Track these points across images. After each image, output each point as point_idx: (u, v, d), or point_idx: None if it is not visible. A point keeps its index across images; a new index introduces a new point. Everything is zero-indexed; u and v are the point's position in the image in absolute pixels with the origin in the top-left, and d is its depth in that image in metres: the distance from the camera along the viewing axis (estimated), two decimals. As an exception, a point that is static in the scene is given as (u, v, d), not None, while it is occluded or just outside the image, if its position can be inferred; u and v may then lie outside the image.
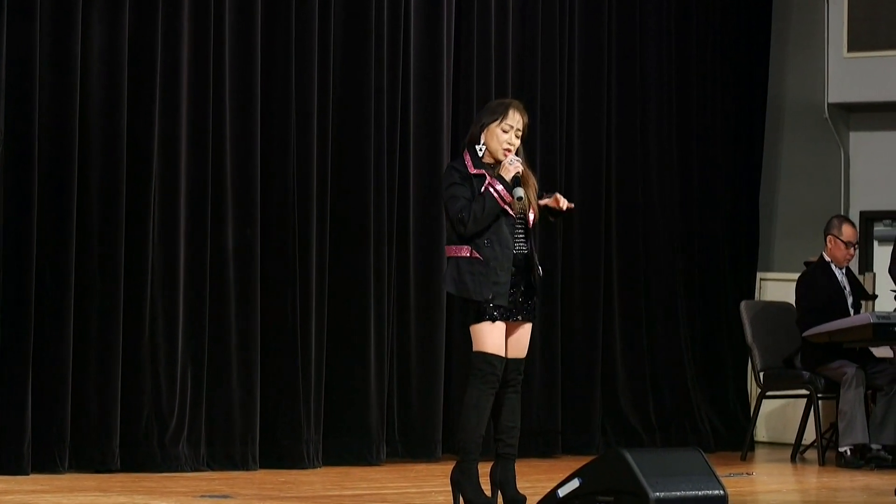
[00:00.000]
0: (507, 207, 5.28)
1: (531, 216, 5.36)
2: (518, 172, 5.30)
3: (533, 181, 5.45)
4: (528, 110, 5.27)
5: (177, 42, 6.55)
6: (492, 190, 5.26)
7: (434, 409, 7.41)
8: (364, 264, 7.21)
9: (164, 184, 6.53)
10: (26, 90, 6.11)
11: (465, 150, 5.40)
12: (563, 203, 5.39)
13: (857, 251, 8.27)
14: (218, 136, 6.71)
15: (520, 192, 5.24)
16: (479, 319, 5.26)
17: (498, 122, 5.35)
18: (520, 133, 5.37)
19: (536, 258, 5.40)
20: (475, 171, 5.32)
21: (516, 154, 5.38)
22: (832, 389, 7.89)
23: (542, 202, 5.40)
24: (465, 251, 5.27)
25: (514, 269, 5.30)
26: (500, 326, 5.24)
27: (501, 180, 5.28)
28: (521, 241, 5.35)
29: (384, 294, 7.28)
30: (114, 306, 6.32)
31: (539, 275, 5.37)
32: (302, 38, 6.99)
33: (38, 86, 6.12)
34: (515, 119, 5.36)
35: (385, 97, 7.32)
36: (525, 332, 5.38)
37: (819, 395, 8.00)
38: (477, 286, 5.23)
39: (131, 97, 6.41)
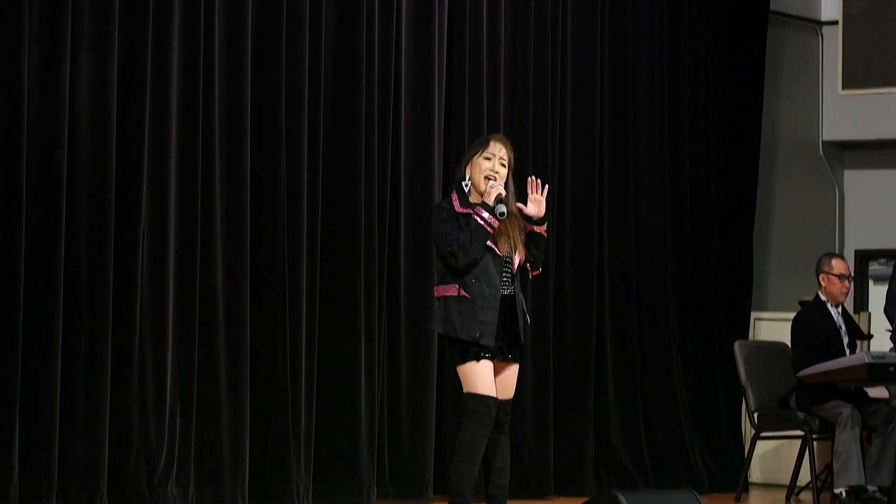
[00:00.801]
0: (494, 247, 5.32)
1: (517, 259, 5.37)
2: (501, 195, 5.32)
3: (520, 223, 5.52)
4: (521, 138, 5.39)
5: (166, 75, 6.46)
6: (477, 218, 5.30)
7: (425, 450, 7.33)
8: (354, 303, 7.13)
9: (153, 220, 6.46)
10: (12, 124, 6.02)
11: (454, 191, 5.48)
12: (537, 188, 5.37)
13: (852, 285, 8.19)
14: (207, 174, 6.62)
15: (501, 207, 5.29)
16: (466, 359, 5.29)
17: (479, 153, 5.43)
18: (504, 162, 5.42)
19: (524, 305, 5.44)
20: (462, 210, 5.37)
21: (505, 187, 5.44)
22: (827, 430, 7.83)
23: (521, 209, 5.41)
24: (453, 290, 5.30)
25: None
26: (488, 366, 5.28)
27: (486, 207, 5.33)
28: (507, 282, 5.38)
29: (375, 334, 7.18)
30: (102, 343, 6.26)
31: (526, 322, 5.40)
32: (292, 74, 6.90)
33: (26, 121, 6.06)
34: (497, 148, 5.43)
35: (376, 130, 7.19)
36: (512, 372, 5.41)
37: (814, 436, 7.93)
38: (464, 325, 5.25)
39: (120, 134, 6.31)
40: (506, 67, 7.95)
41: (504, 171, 5.46)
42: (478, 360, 5.25)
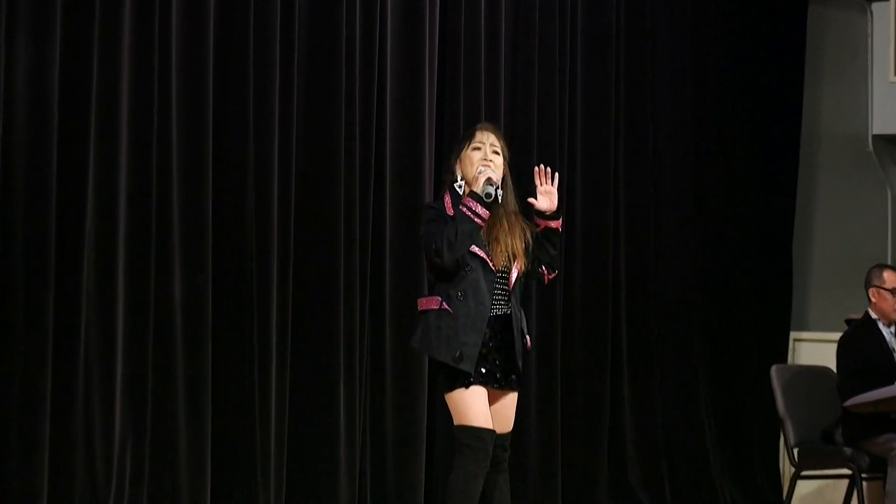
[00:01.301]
0: (487, 259, 5.22)
1: (515, 271, 5.26)
2: (491, 178, 5.24)
3: (522, 227, 5.40)
4: (524, 136, 5.22)
5: (115, 69, 6.32)
6: (464, 209, 5.20)
7: (413, 491, 7.19)
8: (333, 320, 7.00)
9: (99, 224, 6.32)
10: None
11: (446, 192, 5.39)
12: (546, 178, 5.34)
13: (908, 300, 8.02)
14: (162, 173, 6.46)
15: (489, 188, 5.23)
16: (454, 385, 5.19)
17: (467, 146, 5.38)
18: (497, 149, 5.38)
19: (524, 325, 5.35)
20: (452, 213, 5.28)
21: (503, 183, 5.39)
22: (878, 468, 7.69)
23: (532, 204, 5.34)
24: (435, 303, 5.23)
25: (488, 330, 5.22)
26: (480, 393, 5.18)
27: (475, 197, 5.24)
28: (502, 301, 5.28)
29: (356, 354, 7.06)
30: (40, 371, 6.09)
31: (527, 344, 5.32)
32: (261, 62, 6.77)
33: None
34: (485, 136, 5.39)
35: (357, 125, 7.08)
36: (510, 401, 5.33)
37: (863, 475, 7.79)
38: (442, 343, 5.18)
39: (62, 127, 6.16)
40: (507, 54, 7.85)
41: (499, 160, 5.40)
42: (467, 386, 5.16)
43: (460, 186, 5.35)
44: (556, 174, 5.44)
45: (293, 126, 6.96)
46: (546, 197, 5.39)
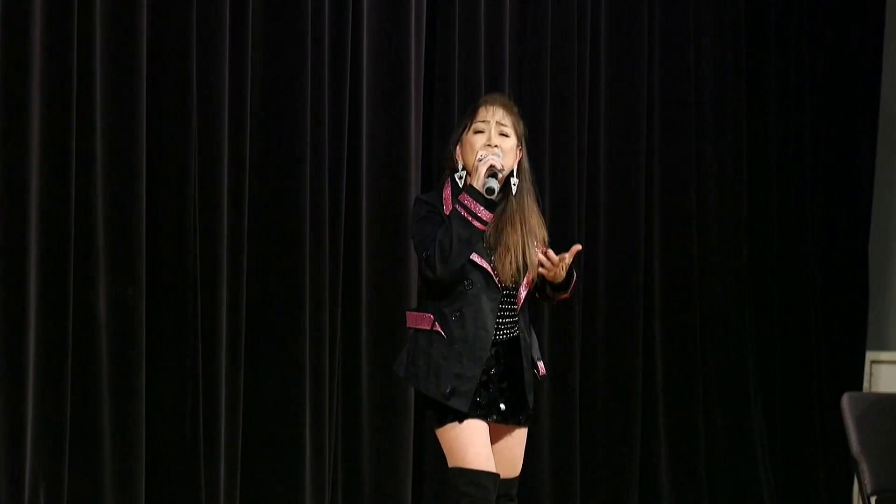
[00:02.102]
0: (490, 270, 4.99)
1: (524, 286, 5.06)
2: (495, 167, 4.98)
3: (537, 221, 5.17)
4: (535, 120, 5.11)
5: (26, 47, 6.16)
6: (460, 209, 4.94)
7: None
8: (297, 345, 6.82)
9: (8, 227, 6.16)
10: None
11: (445, 185, 5.15)
12: (554, 259, 5.07)
13: None
14: (84, 166, 6.33)
15: (490, 182, 4.95)
16: (444, 420, 5.02)
17: (468, 127, 5.12)
18: (506, 130, 5.10)
19: (535, 349, 5.16)
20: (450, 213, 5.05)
21: (518, 172, 5.11)
22: None
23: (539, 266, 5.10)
24: (426, 322, 5.05)
25: (491, 353, 5.05)
26: (477, 428, 5.01)
27: (473, 193, 4.96)
28: (508, 322, 5.08)
29: (324, 386, 6.86)
30: None
31: (539, 372, 5.15)
32: (205, 38, 6.65)
33: None
34: (490, 112, 5.11)
35: (326, 109, 6.98)
36: (518, 440, 5.18)
37: None
38: (430, 374, 5.01)
39: None
40: (512, 20, 7.70)
41: (509, 143, 5.08)
42: (461, 420, 5.00)
43: (461, 178, 5.09)
44: (577, 248, 5.11)
45: (246, 103, 6.72)
46: (552, 271, 5.10)
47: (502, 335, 5.07)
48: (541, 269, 5.05)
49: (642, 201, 8.16)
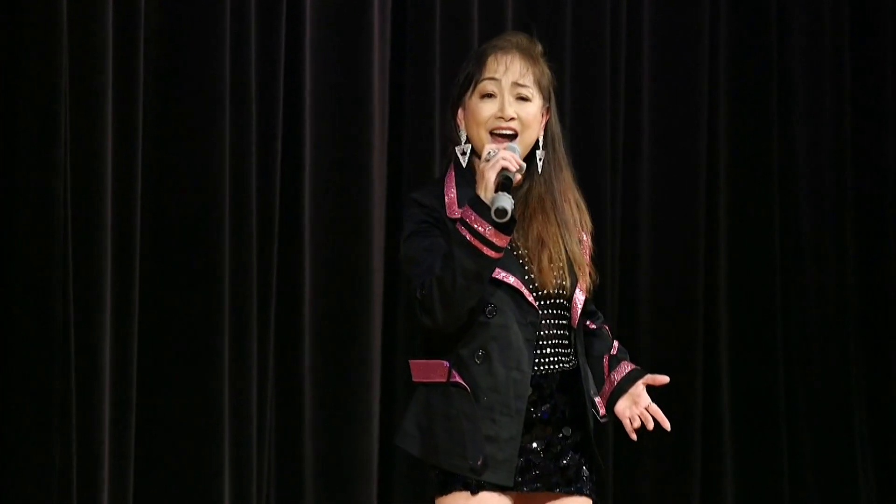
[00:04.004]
0: (521, 285, 4.11)
1: (580, 295, 4.17)
2: (508, 171, 4.02)
3: (576, 202, 4.26)
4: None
5: None
6: (462, 230, 3.98)
7: None
8: (212, 373, 6.01)
9: None
10: None
11: (449, 169, 4.21)
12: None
13: None
14: None
15: (501, 200, 3.96)
16: (447, 489, 4.22)
17: (472, 85, 4.15)
18: (524, 90, 4.14)
19: (592, 385, 4.27)
20: (457, 215, 4.11)
21: (532, 155, 4.19)
22: None
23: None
24: (440, 373, 4.21)
25: (535, 395, 4.19)
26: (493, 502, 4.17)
27: (477, 206, 3.97)
28: (559, 347, 4.20)
29: (251, 451, 6.02)
30: None
31: (599, 412, 4.28)
32: None
33: None
34: (505, 61, 4.15)
35: (253, 85, 6.13)
36: None
37: None
38: (455, 444, 4.19)
39: None
40: None
41: (531, 110, 4.10)
42: (474, 491, 4.18)
43: (465, 153, 4.17)
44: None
45: (139, 71, 5.84)
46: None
47: (548, 367, 4.18)
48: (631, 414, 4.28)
49: (702, 186, 7.38)
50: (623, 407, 4.24)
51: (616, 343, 4.36)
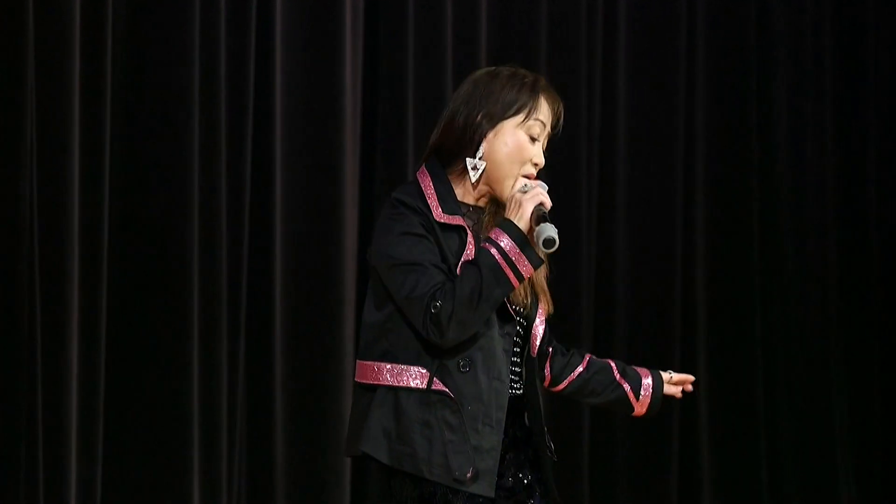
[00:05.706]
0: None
1: (540, 323, 4.16)
2: (544, 207, 4.06)
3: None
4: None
5: None
6: (493, 252, 3.99)
7: None
8: (181, 380, 5.96)
9: None
10: None
11: (423, 171, 4.15)
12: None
13: None
14: None
15: (549, 230, 3.99)
16: (424, 500, 4.10)
17: (523, 116, 4.12)
18: (547, 138, 4.22)
19: (544, 425, 4.20)
20: (446, 220, 4.08)
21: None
22: None
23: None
24: (415, 377, 4.11)
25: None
26: None
27: (512, 231, 4.00)
28: (515, 369, 4.16)
29: (221, 470, 5.93)
30: None
31: (552, 454, 4.22)
32: None
33: None
34: (551, 113, 4.17)
35: (223, 76, 6.09)
36: None
37: None
38: (435, 453, 4.08)
39: None
40: None
41: (541, 159, 4.17)
42: None
43: (477, 169, 4.11)
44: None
45: (107, 71, 5.78)
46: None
47: (513, 388, 4.14)
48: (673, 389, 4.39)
49: (680, 179, 7.33)
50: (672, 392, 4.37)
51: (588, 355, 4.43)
